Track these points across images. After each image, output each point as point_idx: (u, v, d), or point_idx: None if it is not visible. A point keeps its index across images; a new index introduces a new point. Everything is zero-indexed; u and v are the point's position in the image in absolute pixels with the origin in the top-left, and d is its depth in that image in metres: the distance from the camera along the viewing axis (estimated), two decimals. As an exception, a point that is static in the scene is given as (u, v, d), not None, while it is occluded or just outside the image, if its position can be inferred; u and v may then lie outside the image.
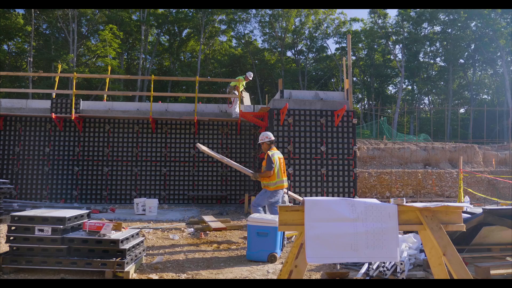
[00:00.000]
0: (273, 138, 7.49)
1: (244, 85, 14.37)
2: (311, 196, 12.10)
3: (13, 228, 5.16)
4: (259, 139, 7.55)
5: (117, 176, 14.01)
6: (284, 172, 7.35)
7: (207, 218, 9.56)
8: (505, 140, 27.06)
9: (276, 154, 7.30)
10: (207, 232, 8.53)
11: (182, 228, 8.90)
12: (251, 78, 14.39)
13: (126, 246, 5.14)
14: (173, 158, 14.32)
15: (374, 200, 3.50)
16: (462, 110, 42.39)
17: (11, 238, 5.15)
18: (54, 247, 5.05)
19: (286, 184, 7.38)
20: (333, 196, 12.00)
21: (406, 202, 3.65)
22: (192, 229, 8.66)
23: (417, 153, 17.77)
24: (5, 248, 6.47)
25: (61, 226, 5.10)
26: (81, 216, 5.64)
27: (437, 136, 34.29)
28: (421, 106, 44.03)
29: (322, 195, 12.11)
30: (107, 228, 5.11)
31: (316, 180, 12.20)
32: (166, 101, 33.09)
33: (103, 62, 35.28)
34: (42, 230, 5.09)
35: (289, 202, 8.42)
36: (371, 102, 43.48)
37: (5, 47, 36.52)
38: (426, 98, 46.21)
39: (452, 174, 16.08)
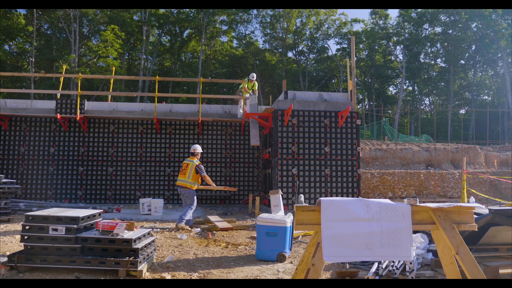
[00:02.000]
0: (191, 150, 9.45)
1: (252, 86, 14.25)
2: (314, 196, 12.18)
3: (27, 227, 5.23)
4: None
5: (121, 176, 14.07)
6: (181, 173, 9.21)
7: (213, 218, 9.63)
8: (506, 141, 27.15)
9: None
10: (214, 232, 8.61)
11: (189, 228, 8.96)
12: (253, 79, 14.28)
13: (139, 245, 5.21)
14: (177, 158, 14.38)
15: (387, 201, 3.58)
16: (462, 111, 42.50)
17: (26, 237, 5.22)
18: (68, 246, 5.12)
19: (178, 182, 9.21)
20: (336, 196, 12.08)
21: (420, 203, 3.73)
22: (198, 229, 8.73)
23: (419, 154, 17.85)
24: (16, 247, 6.55)
25: (75, 226, 5.17)
26: (93, 216, 5.71)
27: (438, 136, 34.37)
28: (422, 107, 44.12)
29: (326, 196, 12.18)
30: (120, 227, 5.19)
31: (320, 181, 12.28)
32: (168, 101, 33.18)
33: (104, 63, 35.34)
34: (56, 230, 5.16)
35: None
36: (371, 103, 43.57)
37: (6, 47, 36.55)
38: (427, 99, 46.31)
39: (454, 175, 16.17)
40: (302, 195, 7.21)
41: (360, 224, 3.34)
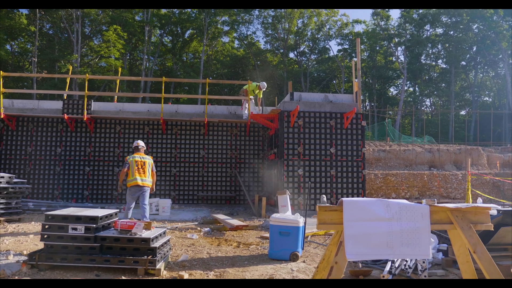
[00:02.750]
0: (136, 145, 8.83)
1: (257, 93, 14.27)
2: (320, 197, 12.28)
3: (47, 226, 5.34)
4: None
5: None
6: (139, 172, 8.46)
7: (222, 217, 9.73)
8: (508, 142, 27.29)
9: (133, 158, 8.55)
10: (223, 232, 8.72)
11: (198, 228, 9.09)
12: (263, 89, 14.22)
13: (156, 244, 5.33)
14: (182, 159, 14.49)
15: (405, 201, 3.71)
16: (463, 112, 42.65)
17: (45, 236, 5.32)
18: (88, 245, 5.23)
19: (140, 182, 8.45)
20: (342, 197, 12.19)
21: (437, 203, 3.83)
22: (208, 229, 8.84)
23: (422, 155, 17.97)
24: (31, 246, 6.66)
25: (94, 225, 5.28)
26: (110, 215, 5.82)
27: (439, 137, 34.50)
28: (423, 108, 44.26)
29: (331, 196, 12.30)
30: (139, 227, 5.29)
31: (326, 181, 12.39)
32: (169, 102, 33.26)
33: (106, 63, 35.37)
34: (75, 229, 5.27)
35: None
36: (372, 104, 43.66)
37: (8, 47, 36.59)
38: (428, 100, 46.45)
39: (457, 176, 16.28)
40: (324, 196, 7.32)
41: (381, 224, 3.46)
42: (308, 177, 12.29)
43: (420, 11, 38.20)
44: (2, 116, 13.30)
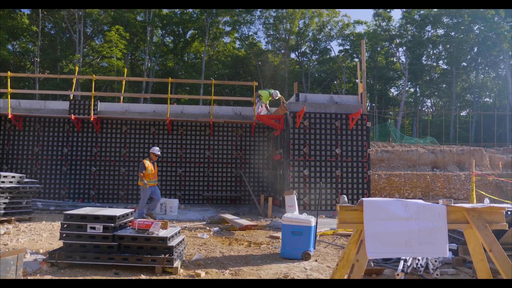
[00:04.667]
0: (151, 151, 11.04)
1: (266, 99, 14.21)
2: (325, 197, 12.40)
3: (65, 225, 5.45)
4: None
5: (133, 176, 14.26)
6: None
7: (230, 217, 9.84)
8: (509, 143, 27.41)
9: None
10: (233, 231, 8.82)
11: (207, 228, 9.19)
12: (276, 97, 14.20)
13: (173, 243, 5.43)
14: (188, 159, 14.59)
15: (421, 201, 3.82)
16: (463, 113, 42.79)
17: (64, 235, 5.43)
18: (106, 244, 5.33)
19: None
20: (347, 197, 12.29)
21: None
22: (217, 228, 8.95)
23: (425, 155, 18.09)
24: (46, 245, 6.76)
25: (112, 224, 5.39)
26: (127, 214, 5.93)
27: (440, 138, 34.62)
28: (424, 109, 44.40)
29: (336, 197, 12.41)
30: (156, 226, 5.40)
31: (331, 182, 12.50)
32: (174, 103, 33.34)
33: (108, 63, 35.46)
34: (94, 228, 5.38)
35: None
36: (373, 105, 43.78)
37: (9, 46, 36.64)
38: (429, 101, 46.60)
39: (460, 177, 16.41)
40: (345, 196, 7.43)
41: (400, 223, 3.57)
42: (314, 177, 12.40)
43: (422, 12, 38.33)
44: (9, 116, 13.40)
